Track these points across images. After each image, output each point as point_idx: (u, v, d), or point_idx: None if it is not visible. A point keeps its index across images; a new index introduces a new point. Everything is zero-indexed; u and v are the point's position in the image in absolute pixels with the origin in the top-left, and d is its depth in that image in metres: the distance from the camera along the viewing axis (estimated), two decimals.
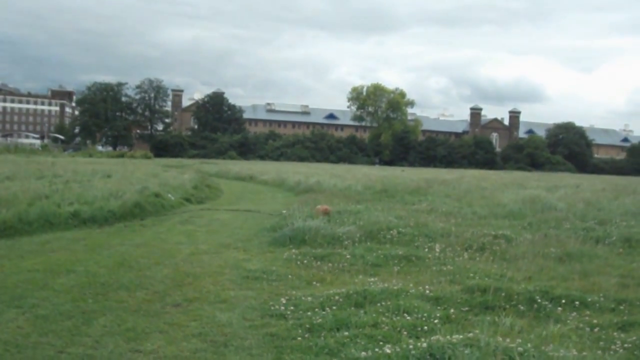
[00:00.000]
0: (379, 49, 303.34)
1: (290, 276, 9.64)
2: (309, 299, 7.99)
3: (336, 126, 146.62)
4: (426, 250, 11.92)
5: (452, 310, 7.49)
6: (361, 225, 13.79)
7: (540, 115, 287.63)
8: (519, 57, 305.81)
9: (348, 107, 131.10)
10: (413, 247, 12.33)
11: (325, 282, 9.33)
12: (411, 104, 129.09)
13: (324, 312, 7.33)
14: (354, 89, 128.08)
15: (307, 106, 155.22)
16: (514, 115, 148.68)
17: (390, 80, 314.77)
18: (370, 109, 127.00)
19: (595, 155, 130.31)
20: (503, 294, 8.17)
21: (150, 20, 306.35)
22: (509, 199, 22.29)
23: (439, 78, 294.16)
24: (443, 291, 8.44)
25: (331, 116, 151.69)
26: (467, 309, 7.69)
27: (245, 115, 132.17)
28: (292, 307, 7.63)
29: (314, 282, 9.26)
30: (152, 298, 8.17)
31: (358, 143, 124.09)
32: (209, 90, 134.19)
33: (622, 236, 13.85)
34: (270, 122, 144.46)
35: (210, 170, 44.57)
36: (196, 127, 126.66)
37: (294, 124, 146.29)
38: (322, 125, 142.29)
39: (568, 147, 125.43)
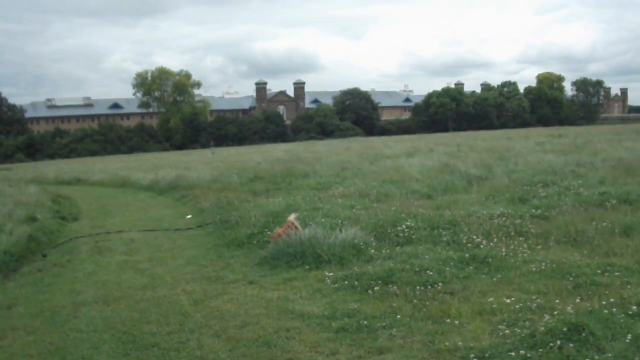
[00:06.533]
0: (152, 33, 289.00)
1: (399, 316, 6.88)
2: (499, 349, 5.43)
3: (122, 116, 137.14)
4: (473, 246, 9.71)
5: None
6: (365, 226, 11.14)
7: (322, 85, 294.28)
8: (292, 30, 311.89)
9: (134, 94, 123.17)
10: (443, 243, 10.07)
11: (452, 314, 6.77)
12: (197, 85, 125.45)
13: None
14: (139, 75, 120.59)
15: (89, 98, 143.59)
16: (299, 87, 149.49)
17: (166, 63, 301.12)
18: (157, 94, 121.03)
19: (383, 118, 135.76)
20: None
21: None
22: (415, 171, 20.79)
23: (215, 57, 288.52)
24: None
25: (116, 106, 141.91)
26: None
27: (26, 115, 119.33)
28: None
29: (444, 318, 6.67)
30: None
31: (148, 130, 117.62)
32: None
33: (622, 197, 12.74)
34: (54, 118, 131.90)
35: (24, 177, 37.83)
36: None
37: (78, 118, 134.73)
38: (107, 116, 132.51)
39: (356, 113, 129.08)
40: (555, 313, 6.27)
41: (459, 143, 37.12)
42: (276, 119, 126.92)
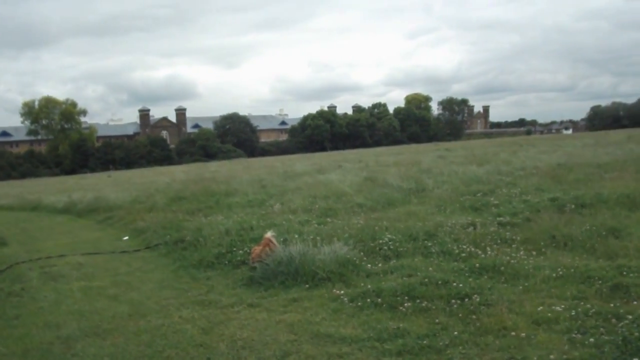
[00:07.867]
0: (34, 64, 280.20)
1: (455, 332, 6.15)
2: (602, 358, 4.92)
3: (11, 143, 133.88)
4: (467, 255, 9.18)
5: None
6: (345, 241, 10.28)
7: (202, 110, 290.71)
8: (170, 60, 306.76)
9: (22, 122, 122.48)
10: (434, 254, 9.47)
11: (508, 326, 6.13)
12: (83, 112, 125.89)
13: None
14: (26, 104, 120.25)
15: None
16: (180, 113, 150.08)
17: (49, 92, 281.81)
18: (44, 122, 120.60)
19: (262, 140, 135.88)
20: None
21: None
22: (345, 185, 20.18)
23: (96, 86, 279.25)
24: None
25: (4, 134, 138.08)
26: None
27: None
28: None
29: (503, 331, 6.03)
30: None
31: (38, 156, 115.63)
32: None
33: (574, 201, 12.72)
34: None
35: None
36: None
37: None
38: None
39: (236, 136, 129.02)
40: (629, 317, 5.79)
41: (360, 159, 37.00)
42: (161, 143, 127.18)
